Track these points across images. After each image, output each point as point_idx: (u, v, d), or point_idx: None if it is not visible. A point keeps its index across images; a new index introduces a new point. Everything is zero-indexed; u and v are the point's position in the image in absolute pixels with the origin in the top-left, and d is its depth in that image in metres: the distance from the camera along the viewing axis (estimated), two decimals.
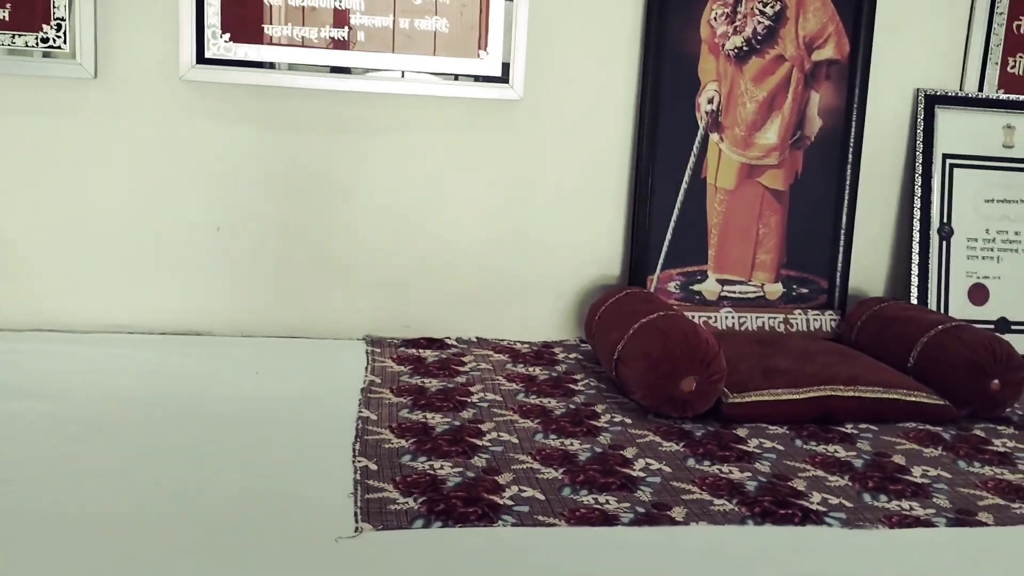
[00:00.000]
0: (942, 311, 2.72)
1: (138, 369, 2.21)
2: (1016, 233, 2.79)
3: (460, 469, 1.73)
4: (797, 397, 2.12)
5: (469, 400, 2.13)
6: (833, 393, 2.13)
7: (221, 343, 2.49)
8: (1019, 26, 2.77)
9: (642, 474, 1.77)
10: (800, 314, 2.71)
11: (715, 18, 2.61)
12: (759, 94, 2.66)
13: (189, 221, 2.52)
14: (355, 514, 1.51)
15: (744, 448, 1.93)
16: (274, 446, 1.80)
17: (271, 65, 2.45)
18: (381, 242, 2.61)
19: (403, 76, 2.50)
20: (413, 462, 1.75)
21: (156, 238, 2.52)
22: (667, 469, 1.80)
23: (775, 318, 2.69)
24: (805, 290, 2.74)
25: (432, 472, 1.70)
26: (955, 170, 2.76)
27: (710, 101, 2.64)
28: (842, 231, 2.72)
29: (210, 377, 2.19)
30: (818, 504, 1.68)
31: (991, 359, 2.18)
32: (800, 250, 2.72)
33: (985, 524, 1.64)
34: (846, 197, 2.71)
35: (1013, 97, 2.78)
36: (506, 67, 2.53)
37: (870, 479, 1.80)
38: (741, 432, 2.03)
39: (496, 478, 1.70)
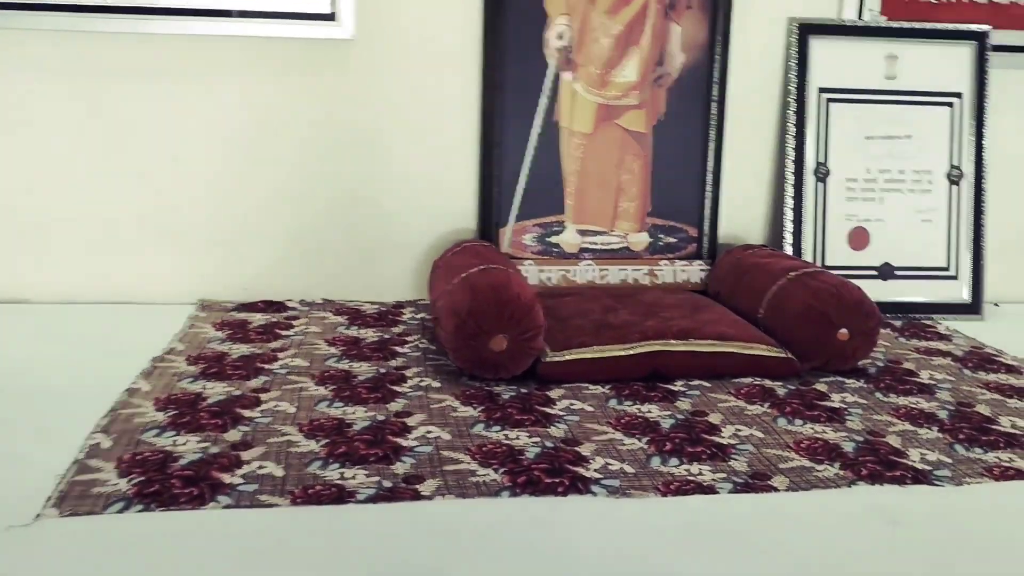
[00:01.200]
0: (818, 258, 2.53)
1: None
2: (900, 172, 2.59)
3: (206, 444, 1.56)
4: (623, 354, 1.94)
5: (268, 367, 1.95)
6: (664, 348, 1.96)
7: (32, 310, 2.32)
8: None
9: (414, 443, 1.60)
10: (667, 265, 2.52)
11: None
12: (614, 28, 2.45)
13: None
14: (47, 498, 1.35)
15: (547, 411, 1.76)
16: (12, 420, 1.63)
17: (72, 8, 2.25)
18: (210, 200, 2.43)
19: (220, 15, 2.29)
20: (156, 438, 1.58)
21: None
22: (446, 437, 1.63)
23: (639, 270, 2.51)
24: (673, 239, 2.55)
25: (170, 449, 1.53)
26: (832, 105, 2.55)
27: (560, 37, 2.43)
28: (710, 175, 2.53)
29: None
30: (596, 471, 1.51)
31: (837, 307, 2.00)
32: (666, 197, 2.53)
33: (775, 489, 1.48)
34: (713, 138, 2.51)
35: (896, 24, 2.56)
36: (334, 3, 2.33)
37: (670, 441, 1.64)
38: (555, 394, 1.86)
39: (242, 454, 1.53)
